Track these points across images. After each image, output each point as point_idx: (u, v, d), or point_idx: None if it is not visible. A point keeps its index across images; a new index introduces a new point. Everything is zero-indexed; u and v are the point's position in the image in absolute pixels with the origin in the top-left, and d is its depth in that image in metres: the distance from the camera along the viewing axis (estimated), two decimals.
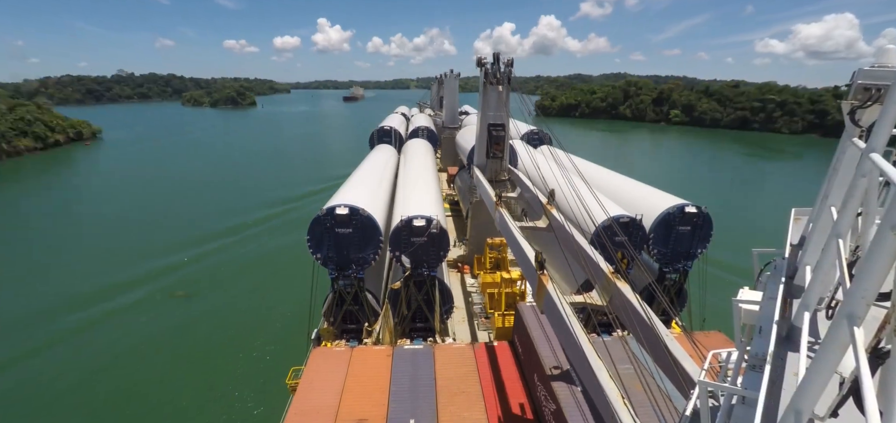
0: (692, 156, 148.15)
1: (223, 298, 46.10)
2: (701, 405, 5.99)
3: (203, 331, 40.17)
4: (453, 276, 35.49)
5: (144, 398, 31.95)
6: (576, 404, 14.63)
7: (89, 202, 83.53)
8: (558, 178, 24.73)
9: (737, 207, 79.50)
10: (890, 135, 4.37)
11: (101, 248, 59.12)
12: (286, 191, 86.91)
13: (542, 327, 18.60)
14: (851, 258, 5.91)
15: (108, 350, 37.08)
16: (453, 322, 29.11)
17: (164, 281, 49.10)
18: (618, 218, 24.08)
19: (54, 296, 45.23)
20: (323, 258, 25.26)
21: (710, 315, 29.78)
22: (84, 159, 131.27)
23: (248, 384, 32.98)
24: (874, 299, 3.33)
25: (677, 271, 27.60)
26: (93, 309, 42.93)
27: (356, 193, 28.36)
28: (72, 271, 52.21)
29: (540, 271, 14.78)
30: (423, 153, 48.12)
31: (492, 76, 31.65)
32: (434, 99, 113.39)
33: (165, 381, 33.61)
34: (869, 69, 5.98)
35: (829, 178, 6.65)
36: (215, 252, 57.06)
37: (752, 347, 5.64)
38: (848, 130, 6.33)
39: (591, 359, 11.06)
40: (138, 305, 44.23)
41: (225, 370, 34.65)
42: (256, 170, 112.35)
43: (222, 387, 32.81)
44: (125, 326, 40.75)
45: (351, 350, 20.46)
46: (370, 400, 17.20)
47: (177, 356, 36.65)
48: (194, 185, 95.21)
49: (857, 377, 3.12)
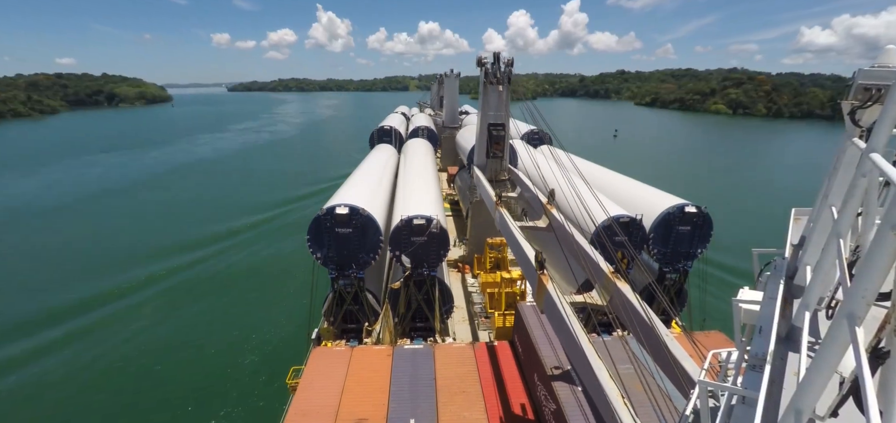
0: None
1: (223, 298, 46.10)
2: (701, 404, 5.99)
3: (203, 331, 40.17)
4: (453, 276, 35.50)
5: (144, 398, 31.96)
6: (576, 403, 14.63)
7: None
8: (558, 177, 24.74)
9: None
10: (890, 135, 4.37)
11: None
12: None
13: (542, 326, 18.61)
14: (851, 258, 5.91)
15: (107, 351, 37.08)
16: (453, 322, 29.12)
17: (163, 282, 49.13)
18: (618, 218, 24.08)
19: (52, 301, 45.21)
20: (323, 258, 25.27)
21: (710, 315, 29.80)
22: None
23: (249, 384, 32.99)
24: (874, 298, 3.34)
25: (677, 270, 27.61)
26: (91, 313, 42.95)
27: (356, 192, 28.37)
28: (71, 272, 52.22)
29: (540, 270, 14.78)
30: (424, 153, 48.16)
31: (492, 76, 31.67)
32: (434, 98, 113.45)
33: (165, 381, 33.61)
34: (869, 69, 6.00)
35: (829, 178, 6.65)
36: (214, 255, 57.04)
37: (752, 347, 5.64)
38: (848, 130, 6.34)
39: (591, 359, 11.07)
40: (138, 306, 44.24)
41: (225, 370, 34.67)
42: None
43: (222, 387, 32.82)
44: (124, 327, 40.74)
45: (351, 350, 20.47)
46: (370, 400, 17.21)
47: (177, 356, 36.65)
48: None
49: (858, 376, 3.13)
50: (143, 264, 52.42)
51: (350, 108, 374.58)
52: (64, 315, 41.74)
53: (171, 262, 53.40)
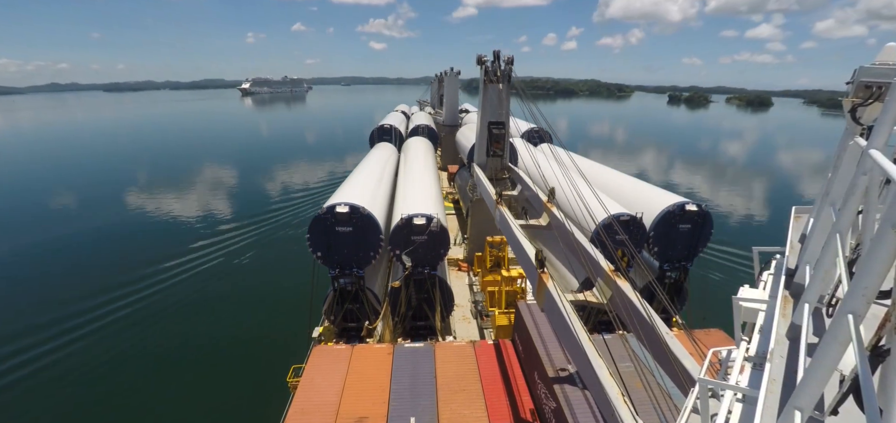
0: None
1: (223, 298, 46.11)
2: (701, 402, 5.99)
3: (203, 331, 40.19)
4: (454, 274, 35.50)
5: (144, 398, 31.99)
6: (576, 401, 14.64)
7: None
8: (558, 176, 24.72)
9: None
10: (891, 132, 4.36)
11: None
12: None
13: (542, 325, 18.61)
14: (852, 256, 5.90)
15: (107, 352, 37.10)
16: (454, 321, 29.14)
17: (161, 283, 49.14)
18: (618, 216, 24.07)
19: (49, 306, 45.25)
20: (323, 257, 25.27)
21: (710, 313, 29.77)
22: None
23: (249, 383, 33.00)
24: (875, 296, 3.33)
25: (677, 269, 27.59)
26: (90, 313, 42.97)
27: (356, 191, 28.36)
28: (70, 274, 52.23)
29: (540, 269, 14.77)
30: (424, 151, 48.14)
31: (492, 74, 31.63)
32: (434, 97, 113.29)
33: (164, 380, 33.64)
34: (870, 67, 5.98)
35: (829, 176, 6.64)
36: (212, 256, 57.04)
37: (752, 345, 5.64)
38: (848, 128, 6.33)
39: (591, 357, 11.06)
40: (135, 306, 44.25)
41: (225, 370, 34.69)
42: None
43: (222, 387, 32.85)
44: (122, 328, 40.75)
45: (351, 349, 20.47)
46: (371, 398, 17.22)
47: (177, 356, 36.67)
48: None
49: (858, 375, 3.12)
50: (144, 264, 52.47)
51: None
52: (64, 314, 41.79)
53: (170, 261, 53.44)
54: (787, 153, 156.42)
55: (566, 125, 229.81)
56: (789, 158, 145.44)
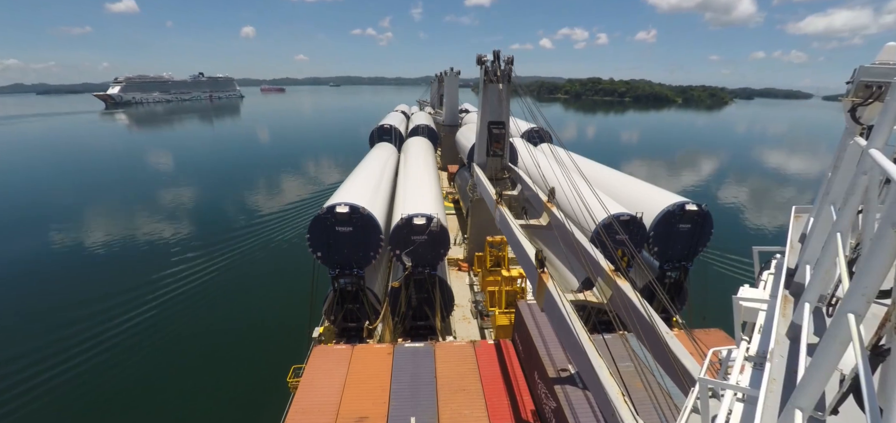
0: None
1: (223, 299, 46.12)
2: (701, 402, 5.99)
3: (203, 332, 40.19)
4: (454, 274, 35.50)
5: (144, 398, 32.00)
6: (576, 401, 14.64)
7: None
8: (559, 175, 24.73)
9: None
10: (891, 132, 4.36)
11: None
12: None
13: (542, 325, 18.61)
14: (852, 256, 5.91)
15: (107, 352, 37.11)
16: (454, 321, 29.14)
17: (161, 283, 49.13)
18: (618, 216, 24.07)
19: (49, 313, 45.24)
20: (323, 257, 25.27)
21: (710, 313, 29.77)
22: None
23: (249, 383, 33.00)
24: (875, 296, 3.33)
25: (677, 268, 27.60)
26: (90, 309, 42.99)
27: (356, 191, 28.36)
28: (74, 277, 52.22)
29: (540, 269, 14.77)
30: (424, 151, 48.15)
31: (492, 74, 31.64)
32: (434, 97, 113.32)
33: (164, 380, 33.64)
34: (870, 66, 5.99)
35: (829, 175, 6.65)
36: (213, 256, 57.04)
37: (752, 344, 5.64)
38: (848, 128, 6.34)
39: (591, 357, 11.06)
40: (134, 307, 44.26)
41: (225, 370, 34.69)
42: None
43: (223, 387, 32.85)
44: (122, 328, 40.76)
45: (351, 349, 20.47)
46: (371, 398, 17.23)
47: (176, 356, 36.67)
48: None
49: (858, 374, 3.13)
50: (143, 264, 52.47)
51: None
52: (63, 316, 41.80)
53: (168, 260, 53.46)
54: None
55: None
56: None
